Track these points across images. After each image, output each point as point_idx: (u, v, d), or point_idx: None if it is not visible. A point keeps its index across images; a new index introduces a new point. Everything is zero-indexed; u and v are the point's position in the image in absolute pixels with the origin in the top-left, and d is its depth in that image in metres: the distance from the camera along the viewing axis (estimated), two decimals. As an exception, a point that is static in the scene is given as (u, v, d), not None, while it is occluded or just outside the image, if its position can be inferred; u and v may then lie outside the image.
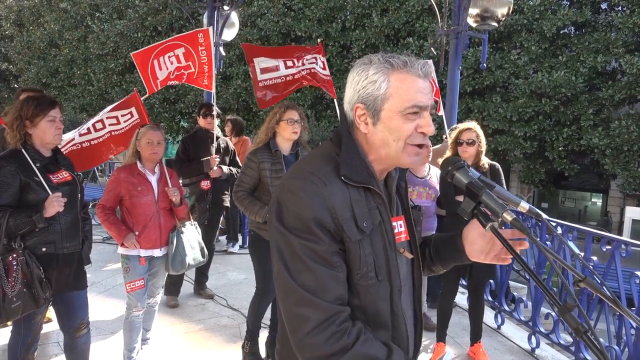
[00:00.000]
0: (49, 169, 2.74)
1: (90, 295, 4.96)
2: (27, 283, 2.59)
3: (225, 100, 18.05)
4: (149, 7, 19.77)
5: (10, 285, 2.54)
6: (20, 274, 2.57)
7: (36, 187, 2.63)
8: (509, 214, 1.24)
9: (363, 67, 1.36)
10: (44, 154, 2.76)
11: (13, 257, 2.57)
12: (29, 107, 2.67)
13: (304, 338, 1.23)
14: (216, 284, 5.54)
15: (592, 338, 1.08)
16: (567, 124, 14.55)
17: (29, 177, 2.63)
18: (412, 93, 1.31)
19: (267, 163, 3.42)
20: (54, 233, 2.70)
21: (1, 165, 2.59)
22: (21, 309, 2.60)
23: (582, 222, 18.31)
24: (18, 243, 2.60)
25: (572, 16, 14.11)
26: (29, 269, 2.60)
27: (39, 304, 2.66)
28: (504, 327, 4.75)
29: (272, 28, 17.59)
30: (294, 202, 1.28)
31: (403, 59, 1.33)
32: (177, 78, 5.15)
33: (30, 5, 24.27)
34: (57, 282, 2.75)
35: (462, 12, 5.68)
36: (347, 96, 1.39)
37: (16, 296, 2.55)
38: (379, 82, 1.31)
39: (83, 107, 22.39)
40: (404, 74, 1.32)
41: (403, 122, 1.31)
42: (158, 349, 3.90)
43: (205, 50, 5.05)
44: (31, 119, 2.67)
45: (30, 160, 2.65)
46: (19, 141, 2.67)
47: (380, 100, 1.32)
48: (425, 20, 15.45)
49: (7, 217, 2.52)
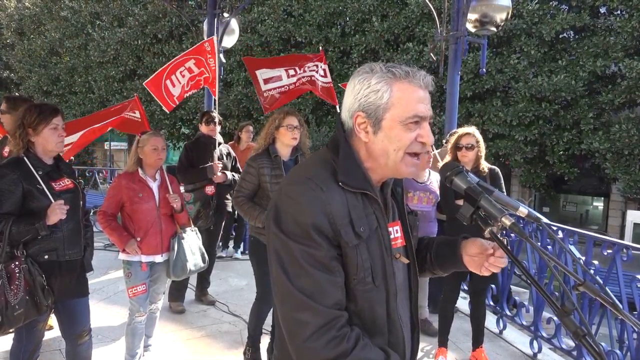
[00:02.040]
0: (52, 176, 2.75)
1: (92, 302, 4.96)
2: (30, 290, 2.59)
3: (225, 106, 18.08)
4: (149, 15, 19.82)
5: (13, 293, 2.55)
6: (22, 281, 2.57)
7: (38, 194, 2.64)
8: (508, 218, 1.25)
9: (365, 75, 1.36)
10: (46, 162, 2.77)
11: (16, 265, 2.58)
12: (32, 115, 2.68)
13: (303, 343, 1.23)
14: (217, 290, 5.54)
15: (591, 341, 1.09)
16: (568, 128, 14.54)
17: (32, 185, 2.63)
18: (413, 103, 1.32)
19: (266, 168, 3.43)
20: (55, 240, 2.71)
21: (4, 174, 2.60)
22: (23, 316, 2.60)
23: (584, 226, 18.27)
24: (20, 251, 2.60)
25: (571, 20, 14.13)
26: (32, 277, 2.60)
27: (40, 311, 2.66)
28: (506, 332, 4.74)
29: (272, 34, 17.64)
30: (292, 208, 1.28)
31: (405, 69, 1.34)
32: (193, 87, 5.25)
33: (31, 13, 24.36)
34: (59, 290, 2.75)
35: (461, 18, 5.71)
36: (347, 104, 1.39)
37: (18, 304, 2.56)
38: (382, 91, 1.32)
39: (84, 115, 22.40)
40: (405, 84, 1.33)
41: (404, 132, 1.32)
42: (159, 355, 3.90)
43: (212, 58, 5.15)
44: (34, 126, 2.68)
45: (32, 168, 2.66)
46: (22, 149, 2.68)
47: (382, 109, 1.33)
48: (425, 26, 15.49)
49: (10, 225, 2.53)
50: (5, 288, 2.54)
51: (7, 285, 2.55)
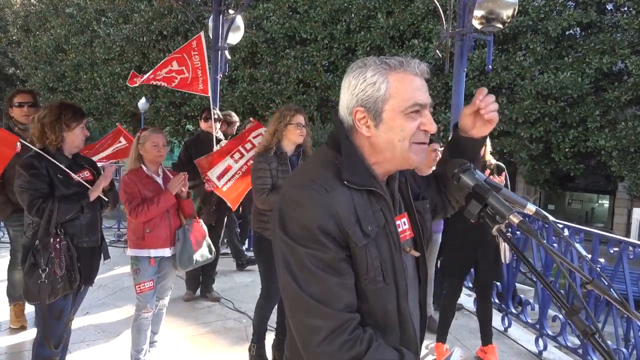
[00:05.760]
0: (72, 169, 2.97)
1: (98, 297, 5.03)
2: (67, 266, 2.85)
3: (230, 103, 18.08)
4: (154, 12, 19.83)
5: (58, 265, 2.81)
6: (63, 257, 2.84)
7: (59, 184, 2.86)
8: (516, 216, 1.24)
9: (359, 70, 1.35)
10: (67, 156, 2.98)
11: (56, 242, 2.82)
12: (69, 113, 2.92)
13: (316, 348, 1.22)
14: (222, 287, 5.55)
15: (600, 340, 1.08)
16: (574, 125, 14.46)
17: (55, 175, 2.86)
18: (411, 91, 1.31)
19: (274, 163, 3.44)
20: (74, 227, 2.92)
21: (31, 163, 2.83)
22: (62, 289, 2.84)
23: (589, 224, 18.21)
24: (60, 229, 2.84)
25: (578, 17, 14.05)
26: (69, 253, 2.87)
27: (73, 286, 2.90)
28: (511, 330, 4.74)
29: (277, 30, 17.62)
30: (297, 212, 1.26)
31: (399, 59, 1.33)
32: (165, 80, 5.01)
33: (36, 10, 24.42)
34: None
35: (466, 14, 5.67)
36: (344, 101, 1.38)
37: (61, 277, 2.81)
38: (378, 83, 1.31)
39: (89, 112, 22.46)
40: (401, 73, 1.32)
41: (406, 121, 1.31)
42: (164, 351, 3.91)
43: (198, 55, 4.97)
44: (68, 123, 2.92)
45: (55, 160, 2.87)
46: (55, 141, 2.88)
47: (380, 101, 1.31)
48: (430, 22, 15.43)
49: (58, 202, 2.78)
50: (54, 261, 2.79)
51: (54, 258, 2.80)
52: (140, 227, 3.41)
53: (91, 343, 4.11)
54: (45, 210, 2.76)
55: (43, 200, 2.77)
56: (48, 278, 2.76)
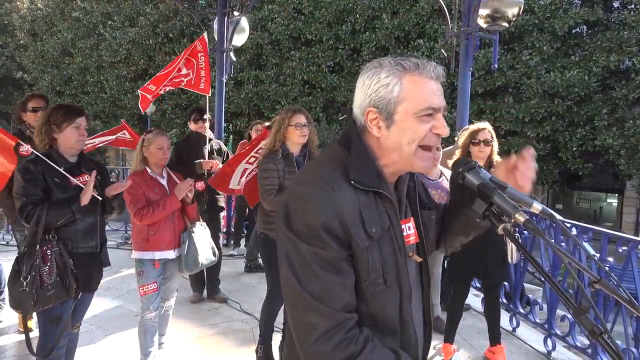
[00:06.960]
0: (72, 172, 2.89)
1: (105, 300, 5.05)
2: (60, 273, 2.76)
3: (236, 105, 18.13)
4: (160, 15, 19.92)
5: (47, 273, 2.71)
6: (55, 264, 2.74)
7: (56, 188, 2.80)
8: (522, 215, 1.22)
9: (374, 70, 1.34)
10: (68, 159, 2.92)
11: (48, 248, 2.74)
12: (58, 113, 2.87)
13: (311, 346, 1.22)
14: (229, 288, 5.55)
15: (608, 340, 1.07)
16: (581, 124, 14.38)
17: (51, 179, 2.80)
18: (425, 95, 1.30)
19: (281, 164, 3.44)
20: (69, 232, 2.83)
21: (27, 167, 2.78)
22: (54, 297, 2.74)
23: (598, 223, 18.09)
24: (52, 235, 2.76)
25: (584, 15, 13.97)
26: (62, 260, 2.77)
27: (70, 293, 2.80)
28: (519, 330, 4.71)
29: (282, 32, 17.66)
30: (302, 208, 1.27)
31: (414, 61, 1.32)
32: (173, 85, 5.18)
33: (43, 15, 24.60)
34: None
35: (472, 13, 5.65)
36: (358, 100, 1.38)
37: (51, 285, 2.71)
38: (392, 84, 1.30)
39: (96, 115, 22.61)
40: (416, 76, 1.31)
41: (418, 124, 1.30)
42: (172, 353, 3.92)
43: (203, 55, 5.09)
44: (58, 124, 2.86)
45: (53, 164, 2.82)
46: (47, 145, 2.86)
47: (393, 103, 1.30)
48: (436, 22, 15.41)
49: (47, 208, 2.70)
50: (41, 268, 2.69)
51: (42, 265, 2.70)
52: (144, 230, 3.42)
53: (99, 345, 4.13)
54: (34, 216, 2.68)
55: (33, 206, 2.70)
56: (31, 287, 2.64)
